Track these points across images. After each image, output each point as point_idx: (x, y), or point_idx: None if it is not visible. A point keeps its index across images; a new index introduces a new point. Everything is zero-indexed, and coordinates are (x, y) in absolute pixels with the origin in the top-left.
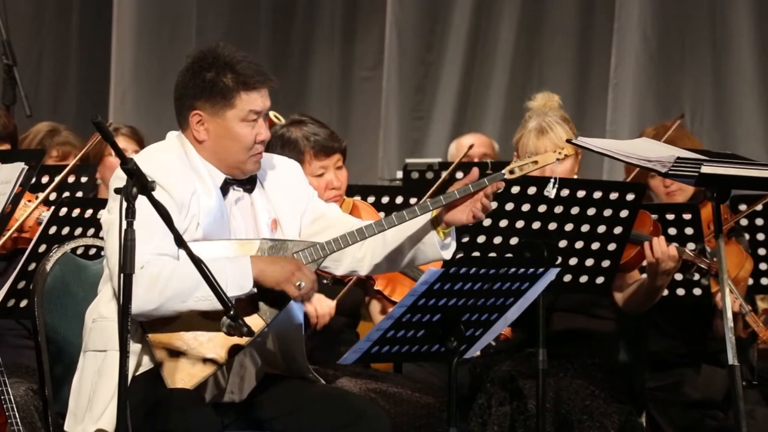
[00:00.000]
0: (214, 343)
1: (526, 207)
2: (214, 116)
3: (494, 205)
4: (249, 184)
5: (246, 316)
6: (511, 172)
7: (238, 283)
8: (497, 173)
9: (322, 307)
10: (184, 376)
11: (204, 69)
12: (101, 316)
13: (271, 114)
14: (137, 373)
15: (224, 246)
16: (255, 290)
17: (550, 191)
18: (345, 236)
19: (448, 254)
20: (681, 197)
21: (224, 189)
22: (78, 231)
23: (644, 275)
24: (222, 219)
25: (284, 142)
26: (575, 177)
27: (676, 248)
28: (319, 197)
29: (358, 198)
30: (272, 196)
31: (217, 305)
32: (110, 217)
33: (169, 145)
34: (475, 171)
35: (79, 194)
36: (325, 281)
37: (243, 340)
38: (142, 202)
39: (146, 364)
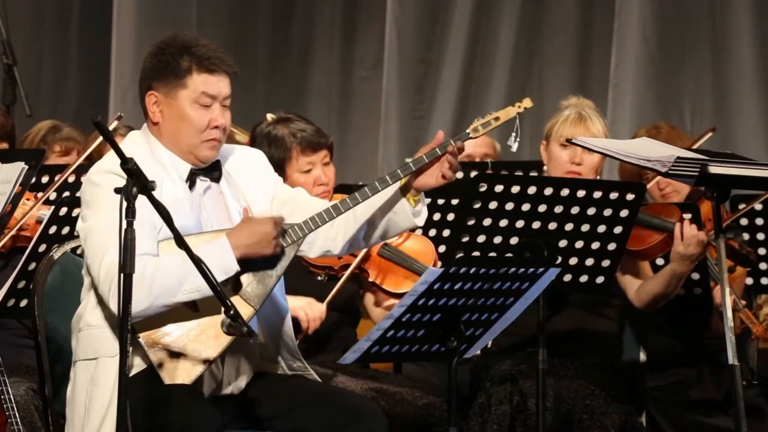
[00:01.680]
0: (207, 336)
1: (526, 207)
2: (167, 96)
3: (494, 204)
4: (215, 171)
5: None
6: (475, 130)
7: (223, 268)
8: (462, 133)
9: (313, 311)
10: (180, 372)
11: (163, 51)
12: (88, 325)
13: (269, 116)
14: (131, 375)
15: (201, 239)
16: (239, 269)
17: (512, 144)
18: (321, 214)
19: (420, 221)
20: (676, 200)
21: (191, 180)
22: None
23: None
24: (192, 211)
25: (270, 140)
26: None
27: (706, 233)
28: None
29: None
30: (240, 184)
31: (206, 293)
32: (85, 225)
33: (133, 144)
34: (440, 134)
35: (80, 194)
36: (319, 278)
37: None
38: (114, 204)
39: (139, 365)
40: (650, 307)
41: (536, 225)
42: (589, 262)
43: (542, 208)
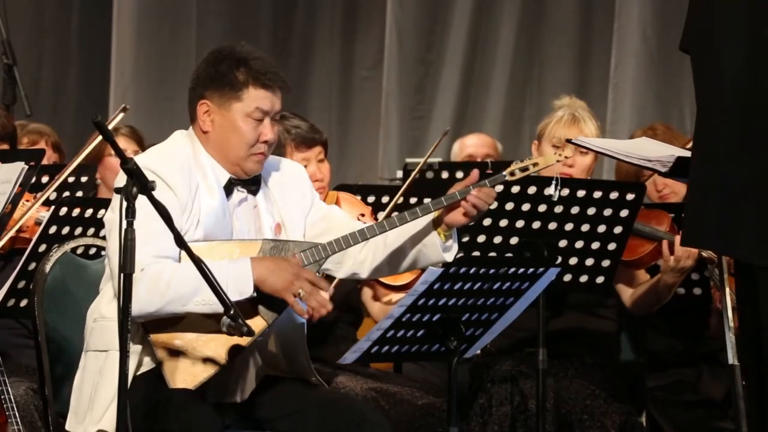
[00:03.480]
0: (216, 343)
1: (526, 207)
2: (221, 107)
3: (495, 205)
4: (254, 185)
5: (247, 317)
6: (512, 174)
7: (238, 288)
8: (498, 175)
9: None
10: (186, 376)
11: (220, 61)
12: (102, 316)
13: None
14: (138, 373)
15: (225, 246)
16: (255, 294)
17: (554, 193)
18: (347, 237)
19: (449, 256)
20: (674, 200)
21: (228, 189)
22: (78, 231)
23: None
24: (224, 219)
25: None
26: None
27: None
28: None
29: (357, 193)
30: (277, 198)
31: (217, 309)
32: (113, 215)
33: (176, 143)
34: (476, 172)
35: (79, 194)
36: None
37: (244, 341)
38: (144, 202)
39: (147, 364)
40: (643, 311)
41: (536, 225)
42: (589, 262)
43: (542, 208)
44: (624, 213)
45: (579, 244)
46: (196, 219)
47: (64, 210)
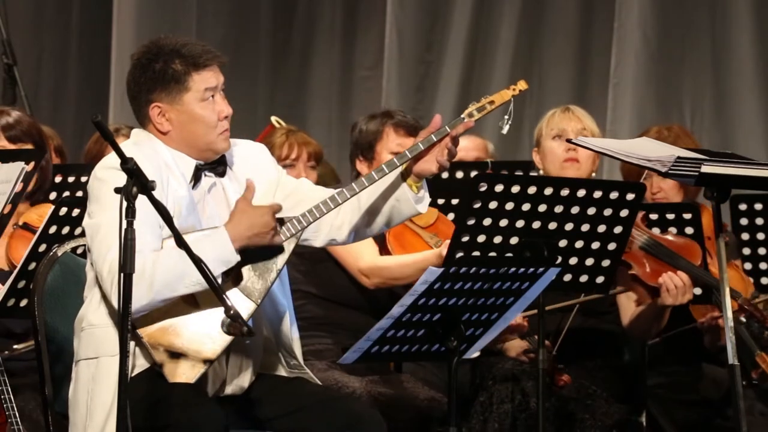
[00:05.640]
0: (209, 336)
1: (526, 207)
2: (173, 104)
3: (494, 204)
4: (220, 165)
5: (236, 301)
6: (470, 115)
7: (222, 259)
8: (457, 118)
9: None
10: (184, 369)
11: (152, 61)
12: (90, 324)
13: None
14: (133, 375)
15: (199, 234)
16: (239, 258)
17: (504, 127)
18: (319, 206)
19: (423, 208)
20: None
21: (196, 176)
22: (78, 231)
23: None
24: (194, 209)
25: (367, 120)
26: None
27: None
28: None
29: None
30: (242, 180)
31: (206, 285)
32: (91, 221)
33: (136, 142)
34: (437, 119)
35: (79, 194)
36: None
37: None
38: (114, 204)
39: (141, 365)
40: (640, 335)
41: (536, 225)
42: (589, 261)
43: (542, 207)
44: (624, 213)
45: (579, 244)
46: (170, 212)
47: (64, 210)
